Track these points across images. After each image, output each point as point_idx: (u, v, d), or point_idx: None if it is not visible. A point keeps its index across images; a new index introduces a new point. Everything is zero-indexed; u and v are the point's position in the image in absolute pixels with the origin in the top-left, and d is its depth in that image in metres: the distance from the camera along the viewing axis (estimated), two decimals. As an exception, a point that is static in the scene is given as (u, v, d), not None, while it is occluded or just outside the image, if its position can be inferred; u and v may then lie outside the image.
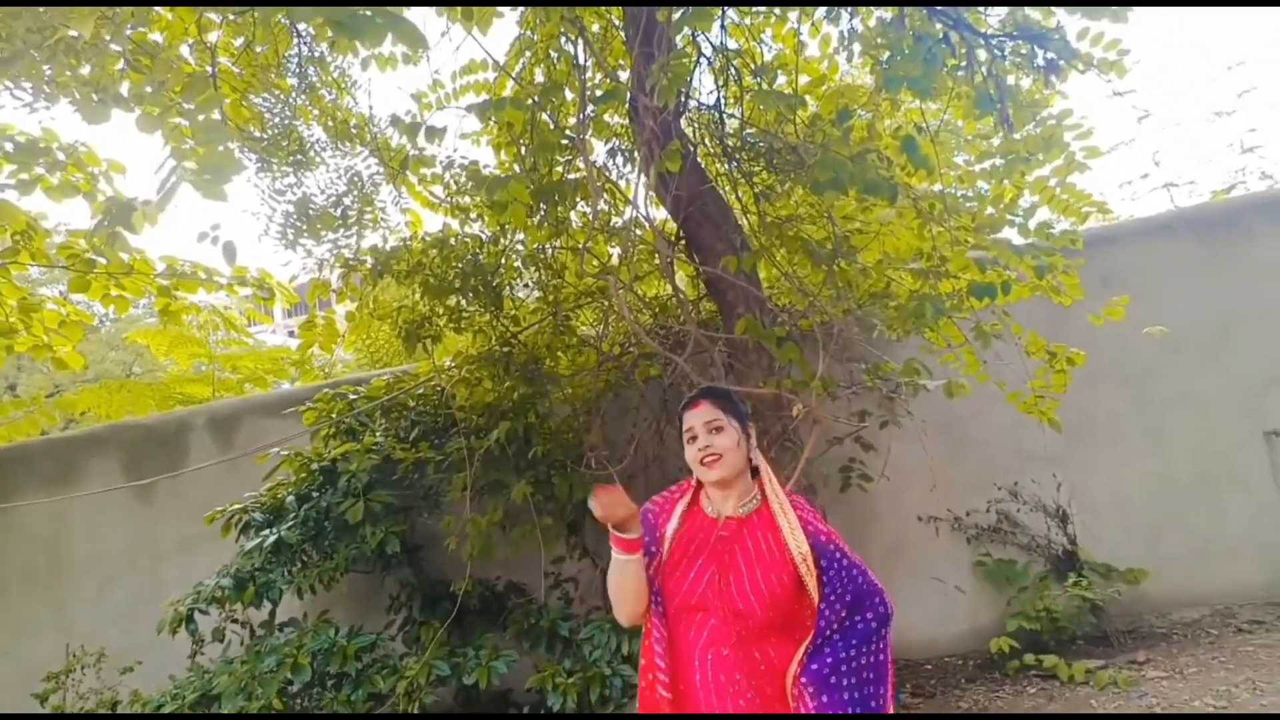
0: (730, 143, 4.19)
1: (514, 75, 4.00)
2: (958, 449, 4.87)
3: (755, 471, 2.01)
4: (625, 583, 1.95)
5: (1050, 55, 2.68)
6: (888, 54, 3.03)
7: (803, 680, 1.82)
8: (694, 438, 1.98)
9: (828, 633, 1.85)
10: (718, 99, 4.13)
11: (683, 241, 4.20)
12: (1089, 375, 4.15)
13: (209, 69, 3.53)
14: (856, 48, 3.48)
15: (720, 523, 1.96)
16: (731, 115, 4.23)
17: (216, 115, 2.60)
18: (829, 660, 1.83)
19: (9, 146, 4.21)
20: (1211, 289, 4.89)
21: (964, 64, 2.95)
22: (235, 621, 4.19)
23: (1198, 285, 4.89)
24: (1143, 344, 4.33)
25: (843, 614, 1.88)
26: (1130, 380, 4.85)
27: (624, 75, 3.97)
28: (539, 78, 4.25)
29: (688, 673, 1.90)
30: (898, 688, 4.34)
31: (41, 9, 2.71)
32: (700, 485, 2.04)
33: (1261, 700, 3.48)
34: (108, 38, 3.21)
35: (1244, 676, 3.75)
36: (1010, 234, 3.53)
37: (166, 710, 3.59)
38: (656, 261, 4.39)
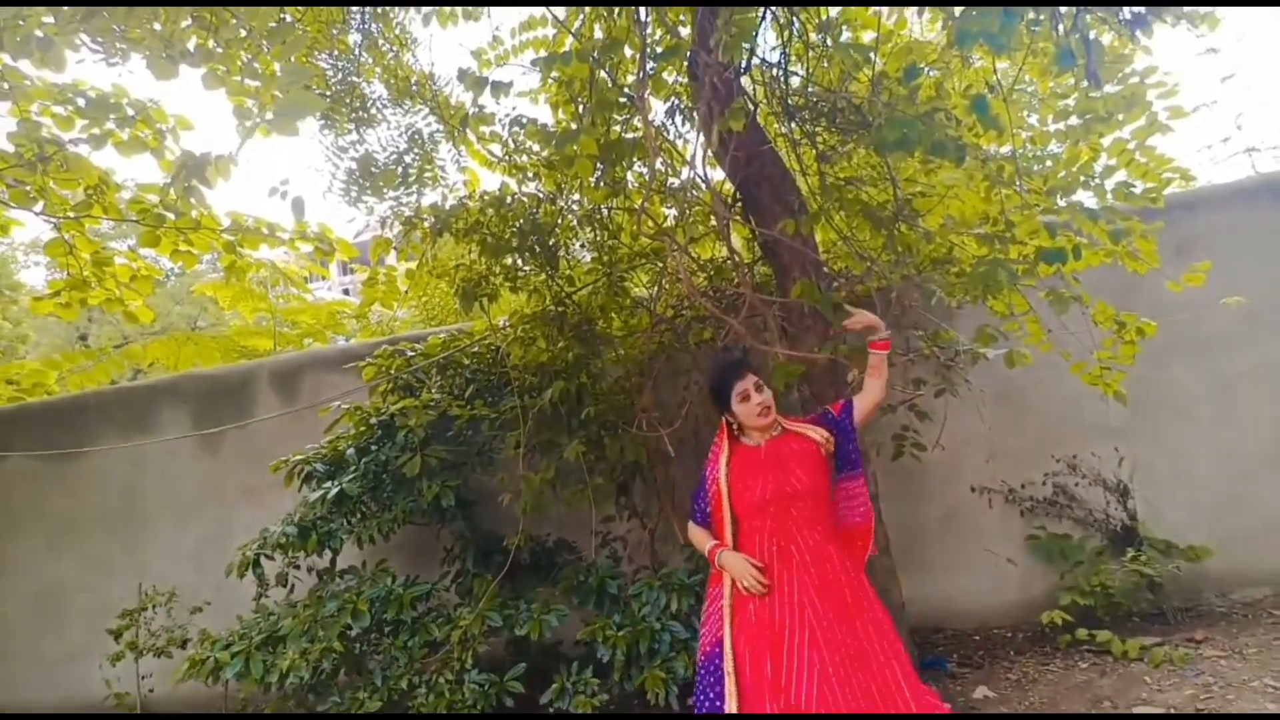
0: (792, 102, 4.10)
1: (573, 31, 3.95)
2: (1015, 420, 4.77)
3: None
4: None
5: (1138, 8, 2.54)
6: (961, 8, 2.92)
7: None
8: (747, 397, 2.72)
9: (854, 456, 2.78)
10: (781, 55, 4.03)
11: (739, 203, 4.15)
12: (1157, 346, 4.01)
13: (286, 17, 3.56)
14: (928, 1, 3.35)
15: (763, 448, 2.75)
16: (794, 73, 4.13)
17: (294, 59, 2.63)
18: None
19: (81, 102, 4.33)
20: (1291, 259, 4.66)
21: (1042, 18, 2.82)
22: (297, 567, 4.35)
23: (1277, 254, 4.67)
24: (1215, 315, 4.16)
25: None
26: (1201, 352, 4.68)
27: (685, 31, 3.89)
28: (598, 34, 4.19)
29: (759, 557, 2.62)
30: (944, 658, 4.33)
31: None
32: (733, 431, 2.83)
33: (1328, 683, 3.39)
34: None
35: (1309, 659, 3.65)
36: (1083, 198, 3.41)
37: (235, 649, 3.76)
38: (713, 223, 4.34)
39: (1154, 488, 4.63)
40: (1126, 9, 2.59)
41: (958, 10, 2.95)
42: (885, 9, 4.04)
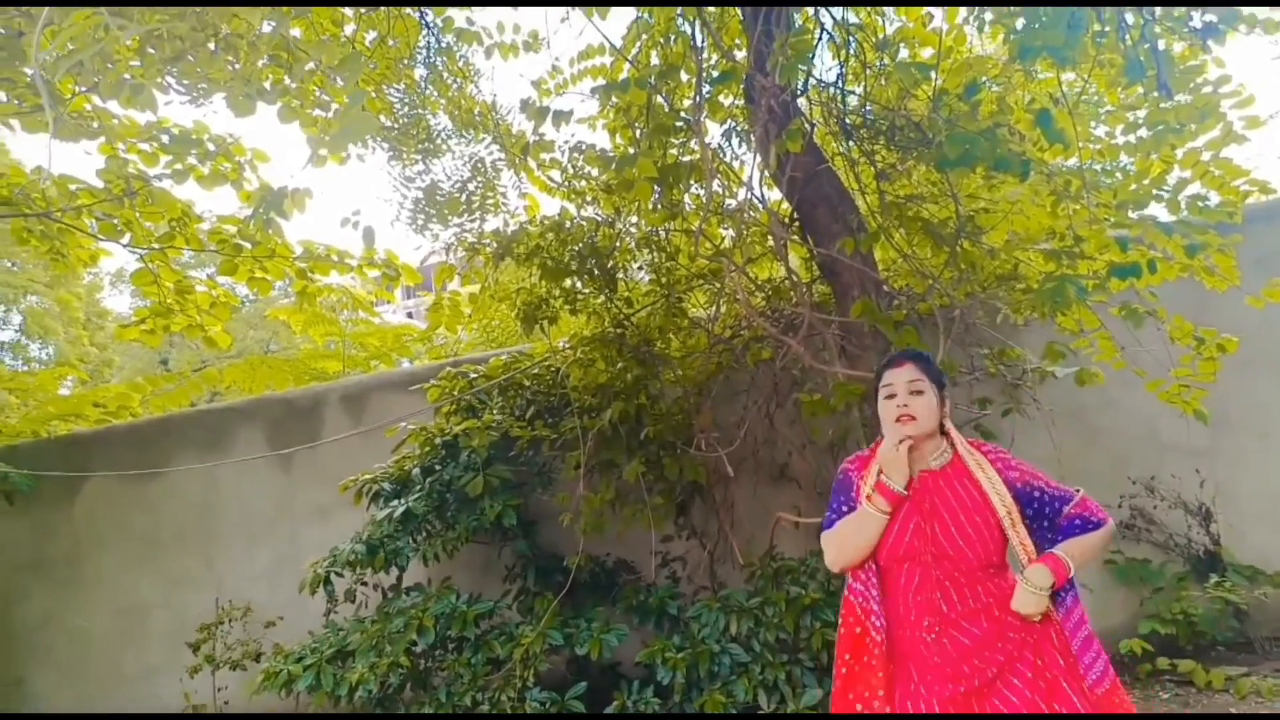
0: (850, 121, 4.09)
1: (630, 59, 4.04)
2: (1088, 440, 4.62)
3: (943, 431, 2.14)
4: (865, 534, 2.05)
5: (1209, 17, 2.48)
6: (1022, 21, 2.89)
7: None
8: (893, 395, 2.10)
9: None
10: (838, 76, 4.03)
11: (797, 223, 4.15)
12: (1237, 362, 3.85)
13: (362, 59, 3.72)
14: (988, 16, 3.32)
15: (916, 477, 2.07)
16: (852, 92, 4.13)
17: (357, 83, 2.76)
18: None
19: (165, 139, 4.58)
20: (1383, 270, 4.43)
21: (1108, 29, 2.77)
22: (365, 584, 4.45)
23: (1368, 266, 4.45)
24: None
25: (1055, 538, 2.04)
26: (1284, 369, 4.47)
27: (740, 55, 3.93)
28: (655, 61, 4.27)
29: (902, 619, 2.03)
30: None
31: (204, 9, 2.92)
32: None
33: None
34: (255, 34, 3.44)
35: None
36: (1155, 211, 3.31)
37: (307, 663, 3.87)
38: (770, 243, 4.35)
39: (1236, 510, 4.43)
40: (1196, 18, 2.53)
41: (1019, 23, 2.93)
42: (944, 23, 4.01)
